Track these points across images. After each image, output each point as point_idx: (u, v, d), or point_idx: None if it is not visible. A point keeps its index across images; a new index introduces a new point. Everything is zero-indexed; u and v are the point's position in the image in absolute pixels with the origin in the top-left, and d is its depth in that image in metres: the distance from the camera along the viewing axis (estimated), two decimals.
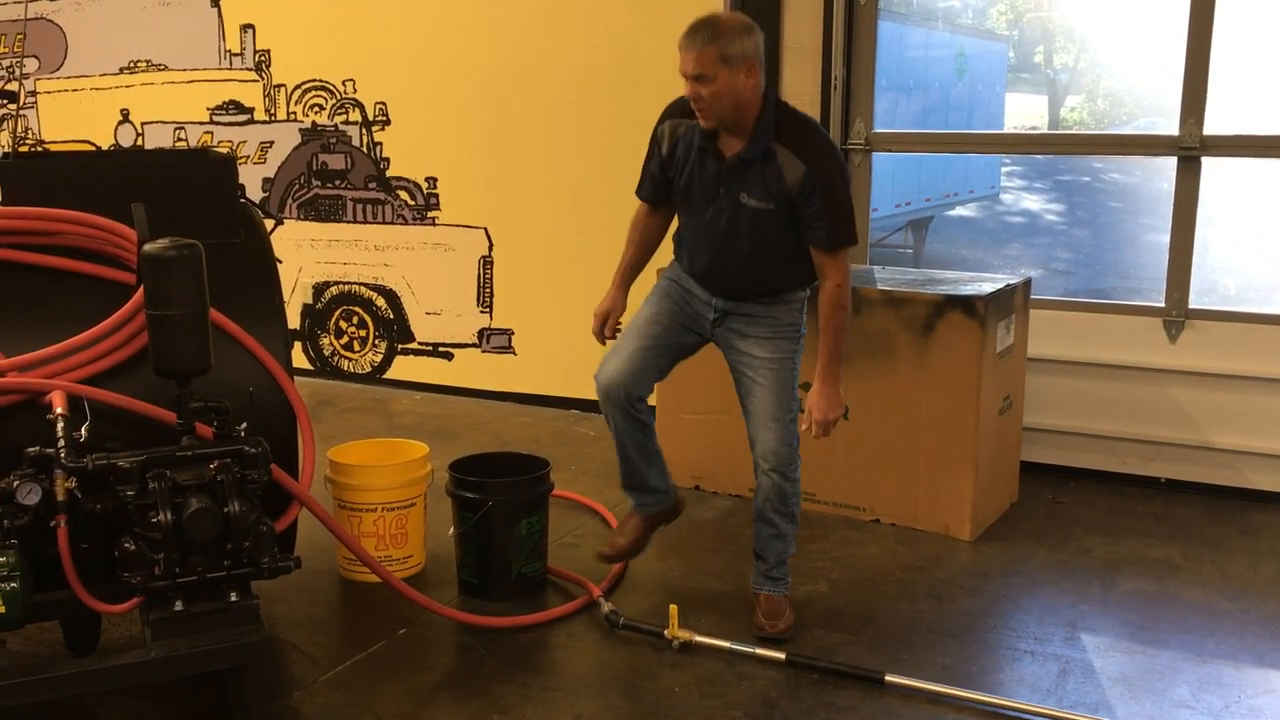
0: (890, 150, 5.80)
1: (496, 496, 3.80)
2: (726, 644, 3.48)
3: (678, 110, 3.49)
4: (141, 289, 2.89)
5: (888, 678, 3.29)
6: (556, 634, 3.65)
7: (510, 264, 6.34)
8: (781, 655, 3.41)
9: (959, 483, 4.42)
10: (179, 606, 2.66)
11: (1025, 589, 4.04)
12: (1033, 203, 17.64)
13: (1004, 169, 16.36)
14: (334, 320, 6.81)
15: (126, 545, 2.64)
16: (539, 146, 6.10)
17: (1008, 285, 4.62)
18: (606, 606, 3.69)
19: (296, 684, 3.30)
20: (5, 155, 3.52)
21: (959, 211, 15.01)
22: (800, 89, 5.34)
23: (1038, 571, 4.18)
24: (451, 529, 3.96)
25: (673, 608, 3.52)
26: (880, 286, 4.60)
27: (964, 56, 13.36)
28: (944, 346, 4.38)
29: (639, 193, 3.70)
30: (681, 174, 3.49)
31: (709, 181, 3.42)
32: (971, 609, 3.86)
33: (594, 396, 6.04)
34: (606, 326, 3.77)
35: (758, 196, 3.35)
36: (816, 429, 3.48)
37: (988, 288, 4.51)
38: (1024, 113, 21.44)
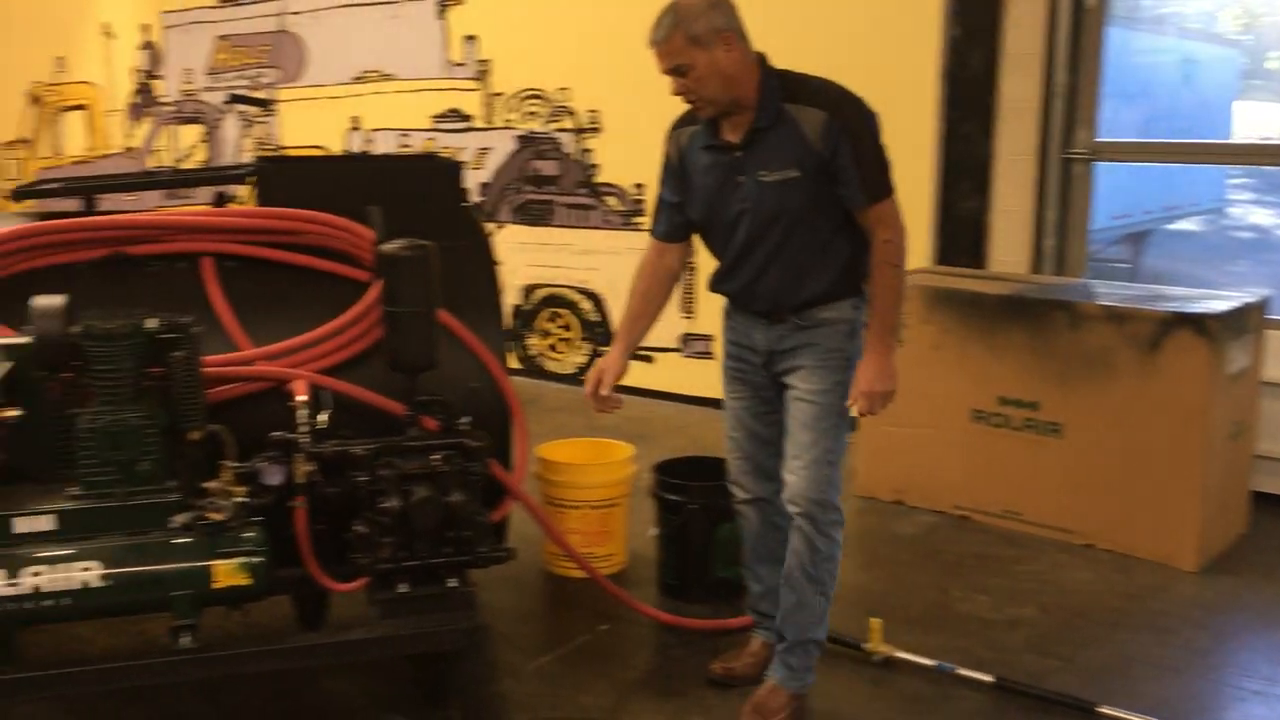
0: (1114, 160, 5.57)
1: (700, 500, 3.83)
2: (931, 662, 3.41)
3: (678, 122, 3.18)
4: (377, 286, 3.06)
5: (1101, 709, 3.16)
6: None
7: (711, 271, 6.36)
8: (990, 678, 3.31)
9: (1183, 510, 4.19)
10: (403, 589, 2.80)
11: (1255, 626, 3.81)
12: (1264, 217, 16.56)
13: (1231, 181, 15.42)
14: (541, 321, 7.01)
15: (358, 528, 2.80)
16: None
17: (1243, 303, 4.36)
18: None
19: (505, 671, 3.42)
20: (260, 159, 3.78)
21: (1180, 225, 14.23)
22: (1020, 96, 5.20)
23: (1269, 608, 3.93)
24: (652, 529, 4.02)
25: (875, 621, 3.48)
26: (1101, 301, 4.43)
27: (1191, 62, 12.67)
28: (1171, 366, 4.17)
29: (654, 230, 3.28)
30: (696, 187, 3.11)
31: (724, 176, 3.03)
32: (1195, 643, 3.66)
33: None
34: (601, 387, 3.24)
35: (779, 166, 2.95)
36: (863, 403, 2.99)
37: (1220, 305, 4.27)
38: (1256, 122, 20.15)
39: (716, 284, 3.23)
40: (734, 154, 3.01)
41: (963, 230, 5.55)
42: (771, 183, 2.96)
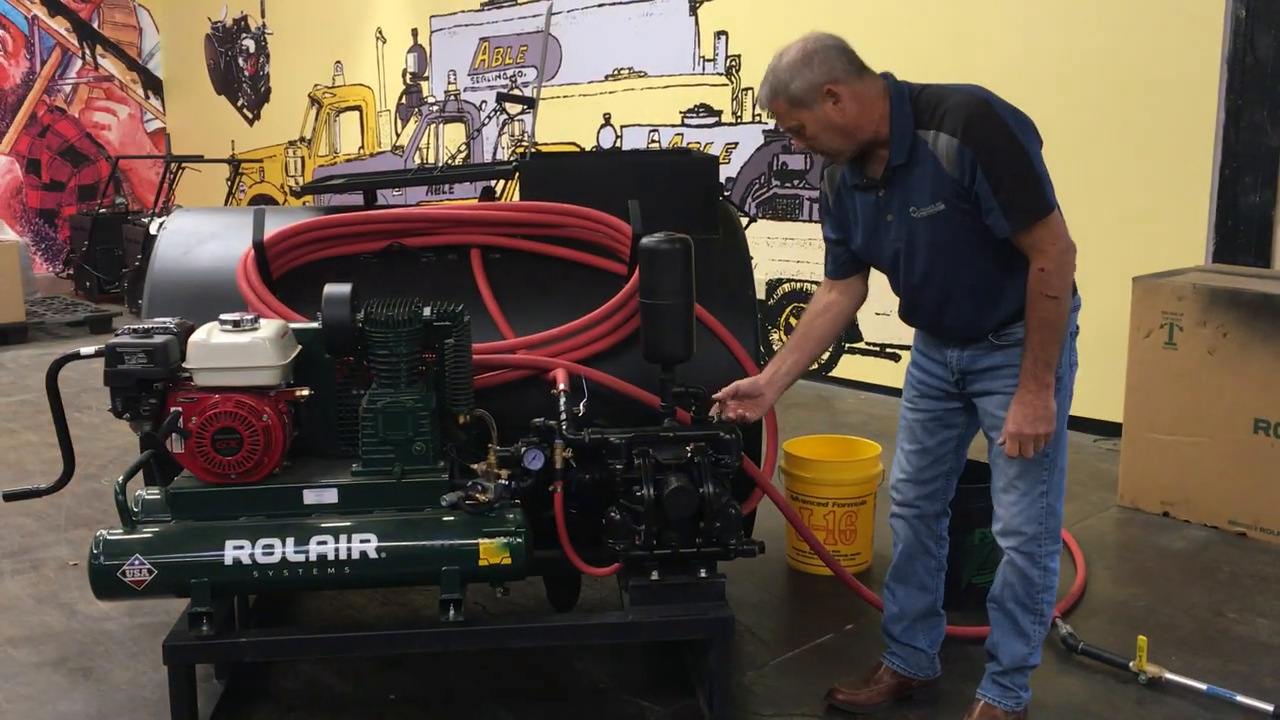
0: None
1: (952, 503, 3.71)
2: (1202, 685, 3.19)
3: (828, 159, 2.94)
4: (635, 278, 3.13)
5: None
6: None
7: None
8: (1270, 708, 3.07)
9: None
10: (655, 576, 2.85)
11: None
12: None
13: None
14: (784, 317, 6.99)
15: (612, 515, 2.86)
16: None
17: None
18: (1065, 628, 3.51)
19: (749, 664, 3.43)
20: (524, 155, 3.93)
21: None
22: None
23: None
24: None
25: (1141, 639, 3.29)
26: None
27: None
28: None
29: (826, 271, 3.09)
30: (854, 224, 2.92)
31: (875, 214, 2.84)
32: None
33: None
34: (728, 400, 3.02)
35: (925, 201, 2.72)
36: (1011, 446, 2.75)
37: None
38: None
39: (904, 318, 3.02)
40: (878, 192, 2.81)
41: (1246, 226, 5.17)
42: (922, 218, 2.74)
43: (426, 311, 2.86)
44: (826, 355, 6.77)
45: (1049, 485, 2.85)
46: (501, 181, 6.27)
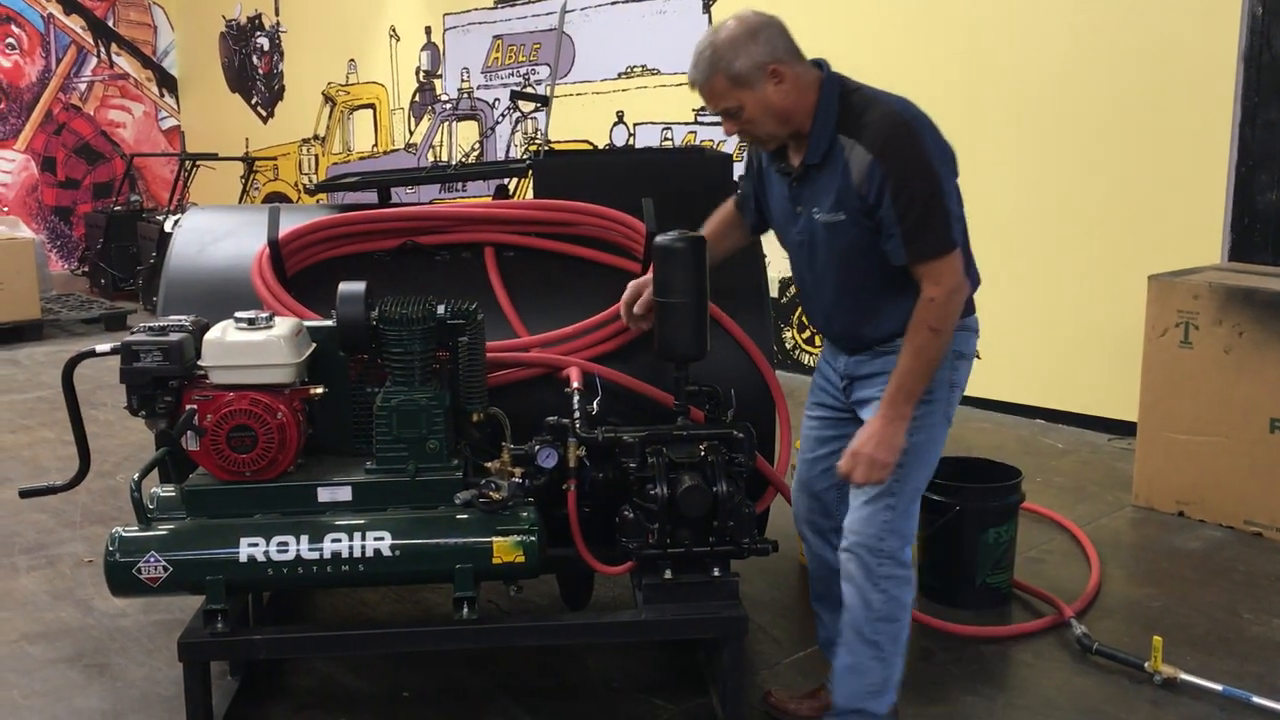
0: None
1: (966, 503, 3.72)
2: (1218, 686, 3.18)
3: None
4: (647, 277, 3.12)
5: None
6: (1022, 650, 3.51)
7: (978, 264, 6.16)
8: None
9: None
10: (668, 575, 2.84)
11: None
12: None
13: None
14: (798, 315, 6.97)
15: (625, 513, 2.86)
16: (1018, 145, 5.88)
17: None
18: (1079, 629, 3.50)
19: (762, 663, 3.43)
20: (538, 153, 3.93)
21: None
22: None
23: None
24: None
25: (1156, 639, 3.27)
26: None
27: None
28: None
29: (736, 203, 3.05)
30: (769, 200, 2.86)
31: (786, 204, 2.75)
32: None
33: (1064, 405, 5.70)
34: (636, 307, 3.01)
35: (828, 208, 2.61)
36: (846, 461, 2.63)
37: None
38: None
39: (803, 307, 2.96)
40: (792, 183, 2.71)
41: (1263, 225, 5.15)
42: (824, 222, 2.64)
43: (440, 309, 2.86)
44: None
45: (896, 502, 2.68)
46: (515, 180, 6.28)
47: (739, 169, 7.17)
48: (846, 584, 2.75)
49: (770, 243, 3.14)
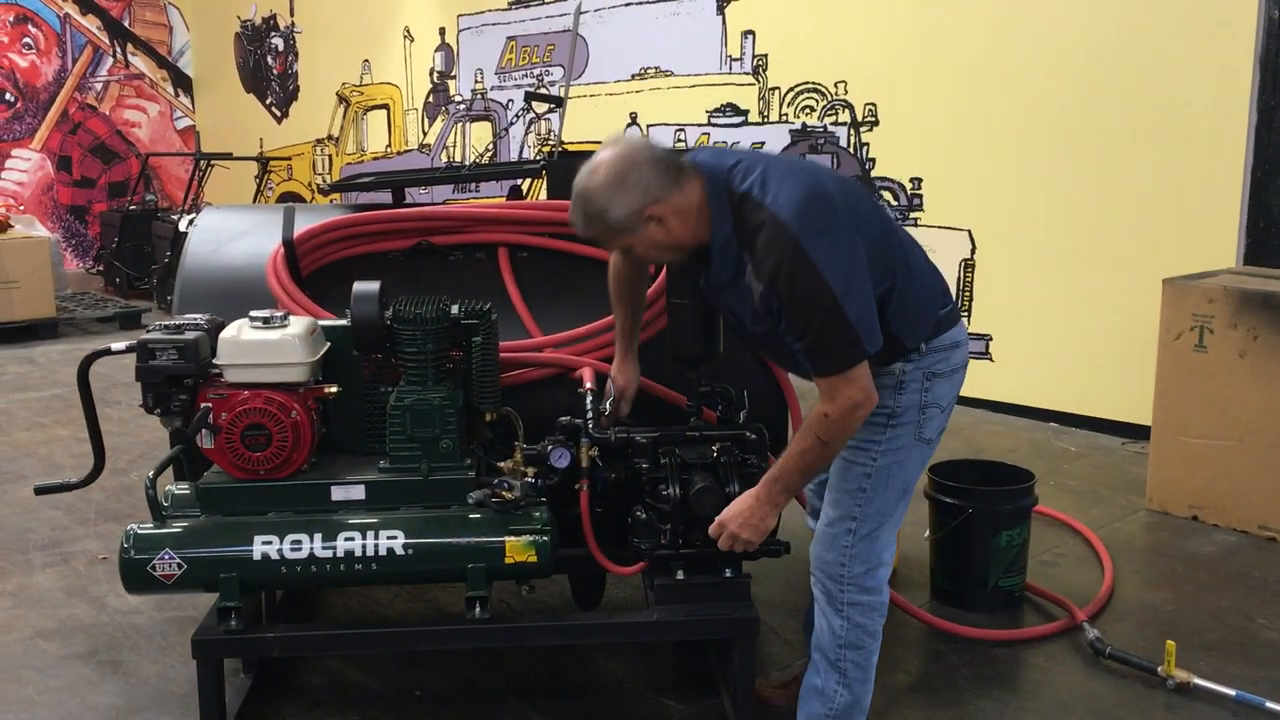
0: None
1: (978, 505, 3.71)
2: (1231, 691, 3.17)
3: None
4: (661, 278, 3.12)
5: None
6: (1034, 653, 3.50)
7: (992, 268, 6.16)
8: None
9: None
10: (680, 575, 2.84)
11: None
12: None
13: None
14: None
15: (638, 513, 2.87)
16: (1033, 148, 5.87)
17: None
18: (1092, 632, 3.49)
19: (773, 664, 3.42)
20: (551, 154, 3.94)
21: None
22: None
23: None
24: (927, 532, 3.93)
25: (1170, 644, 3.26)
26: None
27: None
28: None
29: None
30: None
31: (711, 295, 2.67)
32: None
33: (1077, 409, 5.66)
34: (623, 405, 3.00)
35: (747, 313, 2.54)
36: (715, 526, 2.65)
37: None
38: None
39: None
40: (711, 286, 2.60)
41: (1278, 229, 5.13)
42: (750, 317, 2.55)
43: (454, 309, 2.86)
44: None
45: (858, 526, 2.63)
46: (529, 180, 6.28)
47: None
48: (816, 607, 2.75)
49: None
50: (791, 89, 6.90)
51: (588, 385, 3.03)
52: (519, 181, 6.19)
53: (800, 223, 2.37)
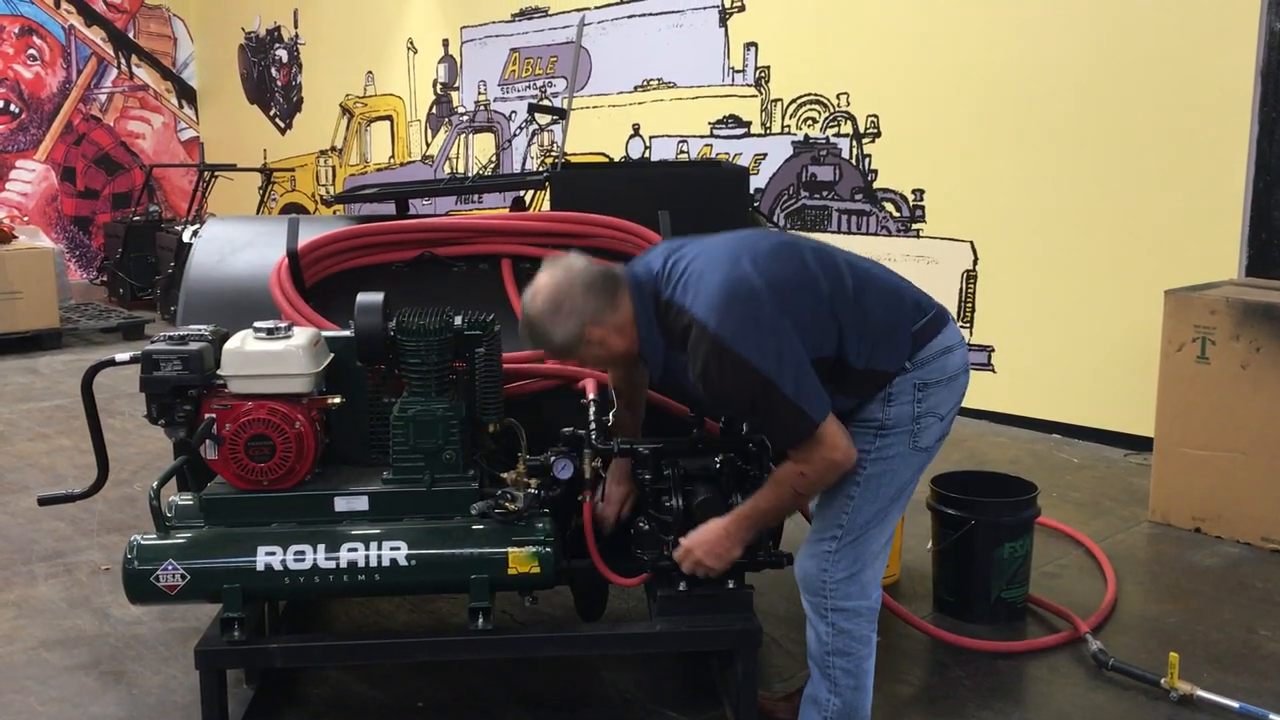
0: None
1: (981, 516, 3.71)
2: (1234, 703, 3.16)
3: None
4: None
5: None
6: (1038, 665, 3.50)
7: (994, 279, 6.16)
8: None
9: None
10: (682, 586, 2.84)
11: None
12: None
13: None
14: None
15: (640, 524, 2.87)
16: (1035, 160, 5.88)
17: None
18: (1095, 644, 3.49)
19: (775, 675, 3.42)
20: (554, 165, 3.95)
21: None
22: None
23: None
24: (929, 544, 3.93)
25: (1173, 656, 3.26)
26: None
27: None
28: None
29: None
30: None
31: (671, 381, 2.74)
32: None
33: (1080, 420, 5.61)
34: (623, 511, 2.98)
35: (708, 403, 2.78)
36: (681, 550, 2.73)
37: None
38: None
39: None
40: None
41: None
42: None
43: (457, 321, 2.87)
44: None
45: (842, 534, 2.66)
46: (531, 192, 6.30)
47: (756, 182, 7.20)
48: (807, 617, 2.77)
49: None
50: (794, 101, 6.92)
51: (590, 396, 3.03)
52: (522, 193, 6.20)
53: (719, 321, 2.45)
